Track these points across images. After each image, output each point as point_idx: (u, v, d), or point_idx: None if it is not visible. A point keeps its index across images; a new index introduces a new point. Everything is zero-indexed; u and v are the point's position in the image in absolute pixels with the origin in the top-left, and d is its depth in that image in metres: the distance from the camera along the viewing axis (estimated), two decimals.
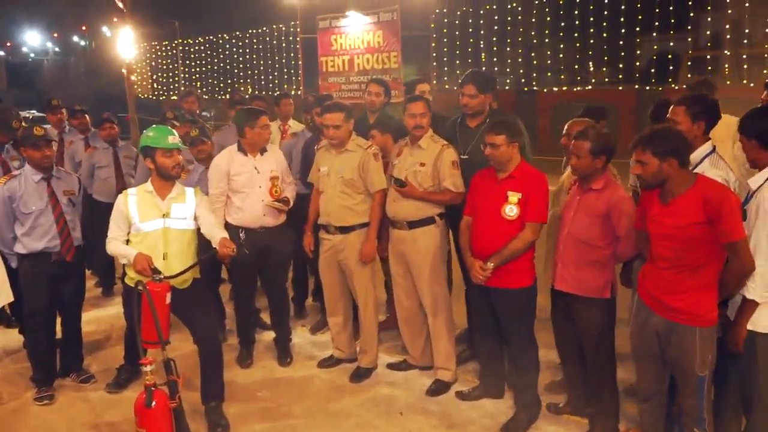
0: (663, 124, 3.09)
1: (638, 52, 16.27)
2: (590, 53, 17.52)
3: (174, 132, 3.76)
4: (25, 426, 3.90)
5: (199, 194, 3.84)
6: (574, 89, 17.13)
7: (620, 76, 16.74)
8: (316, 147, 4.55)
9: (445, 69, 18.18)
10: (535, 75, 18.19)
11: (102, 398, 4.16)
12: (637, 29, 15.79)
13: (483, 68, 16.13)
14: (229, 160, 4.36)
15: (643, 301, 3.03)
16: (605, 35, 16.44)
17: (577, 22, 16.67)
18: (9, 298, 3.77)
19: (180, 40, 27.57)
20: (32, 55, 46.36)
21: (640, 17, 15.50)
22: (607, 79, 17.55)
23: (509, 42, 17.85)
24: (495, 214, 3.51)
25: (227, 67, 25.55)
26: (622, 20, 15.86)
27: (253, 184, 4.35)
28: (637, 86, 15.74)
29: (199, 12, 27.81)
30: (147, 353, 3.20)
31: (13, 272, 4.02)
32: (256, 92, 20.59)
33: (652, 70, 15.96)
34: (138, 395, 3.14)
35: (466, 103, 4.12)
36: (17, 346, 4.91)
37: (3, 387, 4.36)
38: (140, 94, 25.35)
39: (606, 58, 16.97)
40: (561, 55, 18.27)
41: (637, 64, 16.21)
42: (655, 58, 16.20)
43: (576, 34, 16.93)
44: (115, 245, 3.66)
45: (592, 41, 17.08)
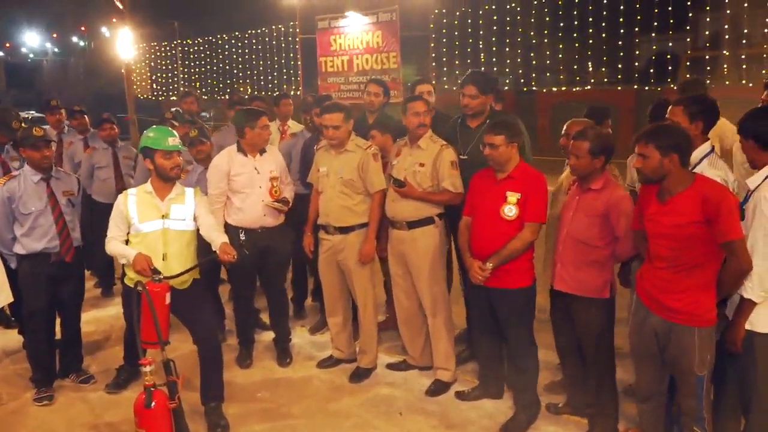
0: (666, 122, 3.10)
1: (637, 53, 16.24)
2: (589, 53, 17.49)
3: (175, 133, 3.74)
4: (25, 426, 3.90)
5: (199, 195, 3.83)
6: (573, 89, 17.11)
7: (619, 77, 16.70)
8: (315, 147, 4.55)
9: (444, 69, 18.14)
10: (534, 75, 18.16)
11: (101, 399, 4.16)
12: (636, 29, 15.76)
13: (482, 68, 16.12)
14: (229, 160, 4.36)
15: (641, 300, 3.03)
16: (604, 35, 16.41)
17: (576, 23, 16.65)
18: (8, 298, 3.78)
19: (179, 41, 27.53)
20: (31, 55, 46.26)
21: (638, 17, 15.47)
22: (606, 80, 17.51)
23: (508, 42, 17.82)
24: (494, 215, 3.51)
25: (226, 67, 25.49)
26: (621, 20, 15.83)
27: (254, 185, 4.35)
28: (636, 86, 15.71)
29: (198, 12, 27.75)
30: (146, 354, 3.20)
31: (13, 273, 4.02)
32: (256, 93, 20.56)
33: (651, 71, 15.93)
34: (137, 396, 3.14)
35: (466, 104, 4.12)
36: (17, 347, 4.91)
37: (2, 388, 4.36)
38: (139, 95, 25.32)
39: (605, 59, 16.92)
40: (560, 56, 18.23)
41: (636, 64, 16.17)
42: (654, 58, 16.16)
43: (575, 35, 16.90)
44: (114, 245, 3.65)
45: (591, 41, 17.05)
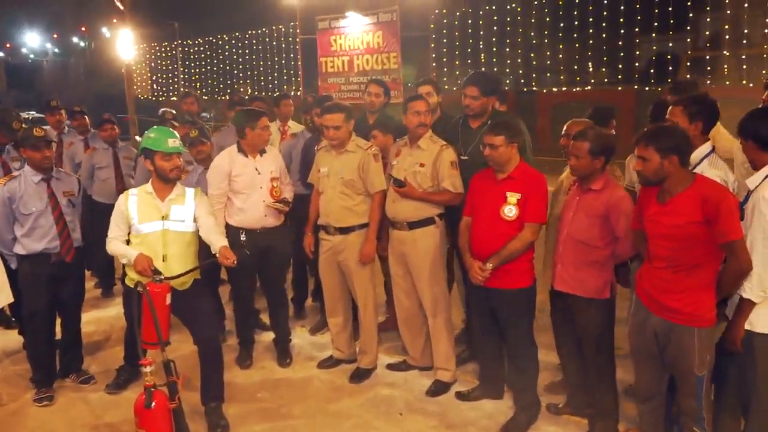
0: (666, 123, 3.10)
1: (637, 53, 16.24)
2: (589, 54, 17.49)
3: (176, 134, 3.72)
4: (25, 427, 3.90)
5: (200, 195, 3.81)
6: (574, 90, 17.13)
7: (619, 77, 16.71)
8: (315, 148, 4.54)
9: (445, 69, 18.15)
10: (534, 75, 18.18)
11: (102, 399, 4.16)
12: (636, 30, 15.76)
13: (482, 68, 16.13)
14: (230, 161, 4.36)
15: (641, 301, 3.03)
16: (604, 36, 16.42)
17: (577, 23, 16.65)
18: (9, 299, 3.78)
19: (179, 41, 27.55)
20: (32, 56, 46.29)
21: (639, 18, 15.47)
22: (606, 80, 17.51)
23: (508, 42, 17.83)
24: (494, 215, 3.51)
25: (227, 68, 25.51)
26: (622, 21, 15.84)
27: (255, 185, 4.36)
28: (636, 87, 15.72)
29: (199, 13, 27.77)
30: (147, 354, 3.21)
31: (13, 273, 4.02)
32: (256, 93, 20.58)
33: (651, 71, 15.93)
34: (138, 396, 3.14)
35: (468, 104, 4.12)
36: (17, 347, 4.91)
37: (3, 388, 4.36)
38: (140, 95, 25.32)
39: (605, 59, 16.93)
40: (560, 56, 18.25)
41: (636, 64, 16.18)
42: (655, 58, 16.16)
43: (575, 35, 16.91)
44: (115, 245, 3.65)
45: (591, 42, 17.05)
